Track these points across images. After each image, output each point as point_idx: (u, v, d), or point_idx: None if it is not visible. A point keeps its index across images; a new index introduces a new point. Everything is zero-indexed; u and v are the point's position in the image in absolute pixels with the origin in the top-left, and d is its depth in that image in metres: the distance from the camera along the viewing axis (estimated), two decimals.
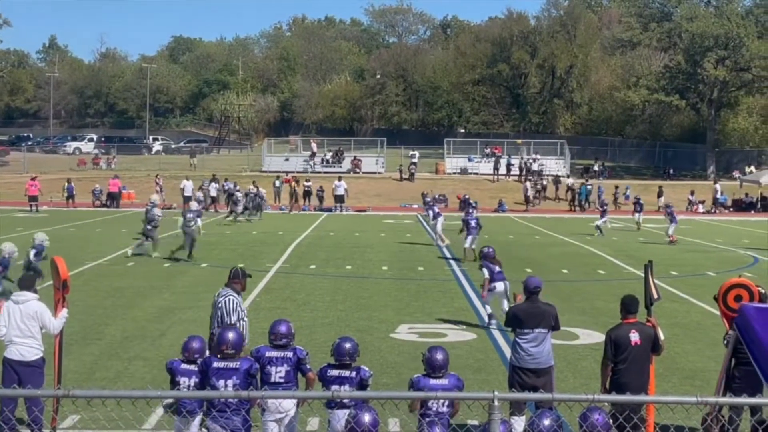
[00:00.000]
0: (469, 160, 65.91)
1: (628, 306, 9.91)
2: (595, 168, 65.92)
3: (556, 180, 58.96)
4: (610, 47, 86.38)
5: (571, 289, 21.93)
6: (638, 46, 75.25)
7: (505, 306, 15.99)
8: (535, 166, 61.66)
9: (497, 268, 16.83)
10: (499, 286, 16.60)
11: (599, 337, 15.28)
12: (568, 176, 59.84)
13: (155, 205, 27.71)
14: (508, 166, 62.64)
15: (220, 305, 10.84)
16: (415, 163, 62.08)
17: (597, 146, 79.51)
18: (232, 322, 10.53)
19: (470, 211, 28.99)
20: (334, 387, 8.47)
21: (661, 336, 9.92)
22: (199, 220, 27.06)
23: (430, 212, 33.74)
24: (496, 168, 62.49)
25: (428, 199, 40.41)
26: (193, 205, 28.37)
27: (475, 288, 21.64)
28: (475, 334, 16.15)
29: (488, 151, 66.84)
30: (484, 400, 5.82)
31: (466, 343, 15.48)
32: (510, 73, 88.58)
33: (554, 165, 64.13)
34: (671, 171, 68.43)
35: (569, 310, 18.03)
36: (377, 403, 7.91)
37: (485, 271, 16.66)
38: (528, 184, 55.78)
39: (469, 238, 27.39)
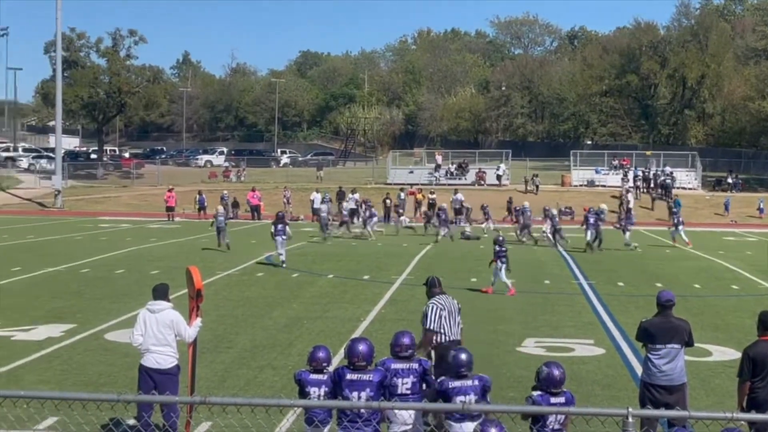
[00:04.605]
0: (597, 172, 64.88)
1: (766, 322, 9.55)
2: (729, 180, 63.96)
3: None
4: (743, 56, 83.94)
5: (703, 305, 21.32)
6: None
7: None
8: (651, 174, 60.46)
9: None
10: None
11: (733, 354, 14.84)
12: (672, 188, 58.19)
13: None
14: (635, 178, 61.36)
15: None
16: (499, 176, 62.25)
17: (730, 158, 77.28)
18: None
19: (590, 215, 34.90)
20: (460, 398, 8.41)
21: None
22: None
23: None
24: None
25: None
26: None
27: (603, 302, 21.29)
28: (604, 349, 15.85)
29: (616, 163, 65.69)
30: (617, 417, 5.72)
31: (594, 358, 15.22)
32: (639, 84, 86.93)
33: (685, 177, 62.59)
34: None
35: (701, 326, 17.54)
36: (507, 417, 7.82)
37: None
38: (630, 195, 54.38)
39: (588, 232, 34.22)
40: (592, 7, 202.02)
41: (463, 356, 8.70)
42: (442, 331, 11.10)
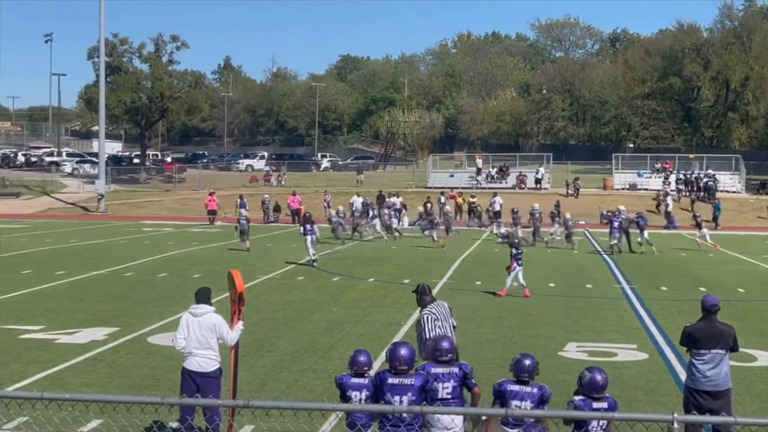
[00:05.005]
0: (639, 175, 64.40)
1: None
2: None
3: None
4: None
5: (748, 309, 21.06)
6: None
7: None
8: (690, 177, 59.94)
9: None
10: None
11: None
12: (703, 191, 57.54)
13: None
14: (676, 181, 60.82)
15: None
16: (539, 180, 62.38)
17: None
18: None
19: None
20: (516, 402, 8.34)
21: None
22: None
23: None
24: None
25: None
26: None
27: (646, 307, 21.09)
28: (647, 354, 15.70)
29: (658, 166, 65.15)
30: (663, 422, 5.66)
31: (637, 363, 15.07)
32: (681, 87, 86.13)
33: (729, 180, 61.93)
34: None
35: (746, 331, 17.30)
36: (551, 422, 7.78)
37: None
38: (669, 198, 53.87)
39: (610, 235, 34.90)
40: (634, 9, 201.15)
41: (527, 362, 8.63)
42: None
